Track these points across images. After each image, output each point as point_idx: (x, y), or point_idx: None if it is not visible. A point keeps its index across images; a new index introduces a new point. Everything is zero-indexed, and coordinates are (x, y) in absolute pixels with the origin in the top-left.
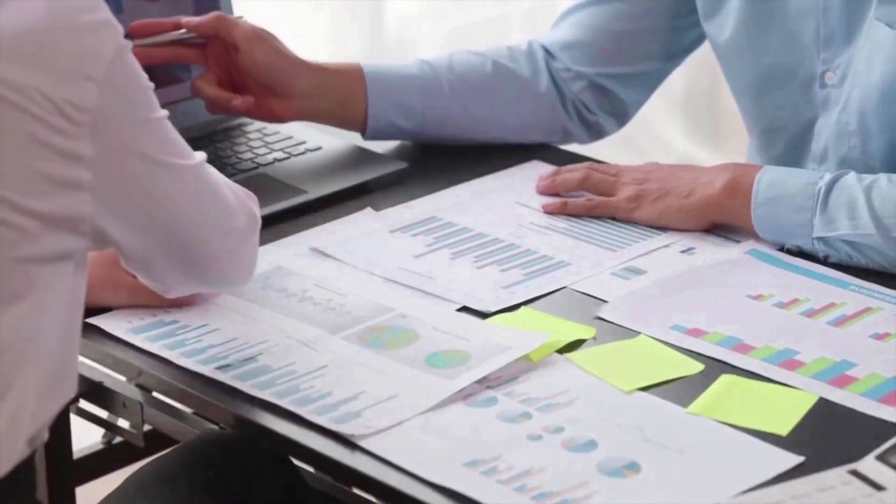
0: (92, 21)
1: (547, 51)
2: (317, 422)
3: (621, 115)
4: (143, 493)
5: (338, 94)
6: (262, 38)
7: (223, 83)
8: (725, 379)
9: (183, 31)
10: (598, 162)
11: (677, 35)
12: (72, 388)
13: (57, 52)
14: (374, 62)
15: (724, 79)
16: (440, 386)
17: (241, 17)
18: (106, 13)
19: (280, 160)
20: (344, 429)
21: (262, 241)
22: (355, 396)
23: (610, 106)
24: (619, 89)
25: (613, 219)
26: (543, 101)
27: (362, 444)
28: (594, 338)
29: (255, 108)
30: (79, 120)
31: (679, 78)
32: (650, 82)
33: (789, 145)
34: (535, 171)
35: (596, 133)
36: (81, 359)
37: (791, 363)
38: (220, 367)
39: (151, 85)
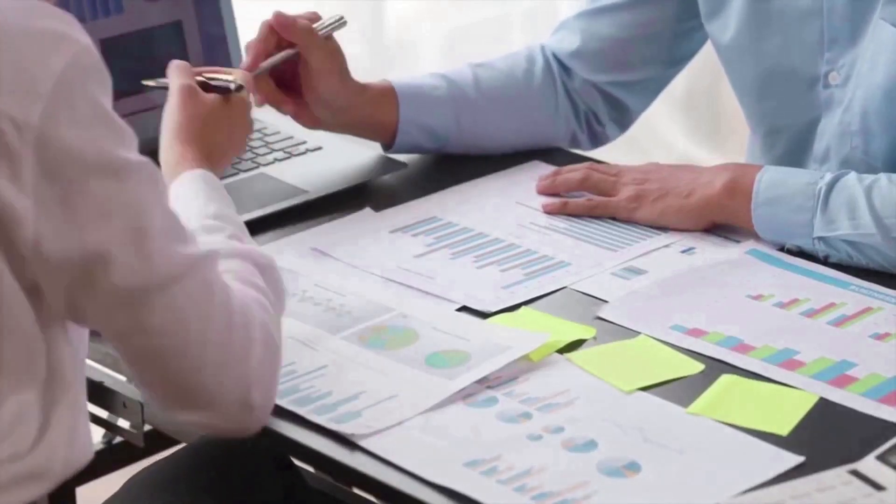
0: (41, 28)
1: (559, 61)
2: (317, 422)
3: (625, 123)
4: (145, 495)
5: (373, 118)
6: (334, 72)
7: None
8: (725, 379)
9: (288, 52)
10: (598, 162)
11: (682, 39)
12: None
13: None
14: (406, 82)
15: (727, 79)
16: (440, 386)
17: (328, 34)
18: (61, 23)
19: (280, 160)
20: (344, 429)
21: (263, 241)
22: (355, 396)
23: (617, 114)
24: (627, 97)
25: (614, 219)
26: (560, 118)
27: (362, 444)
28: (594, 338)
29: (298, 113)
30: (15, 142)
31: (679, 78)
32: (656, 88)
33: (793, 145)
34: (535, 171)
35: (599, 142)
36: None
37: (791, 363)
38: None
39: (126, 128)
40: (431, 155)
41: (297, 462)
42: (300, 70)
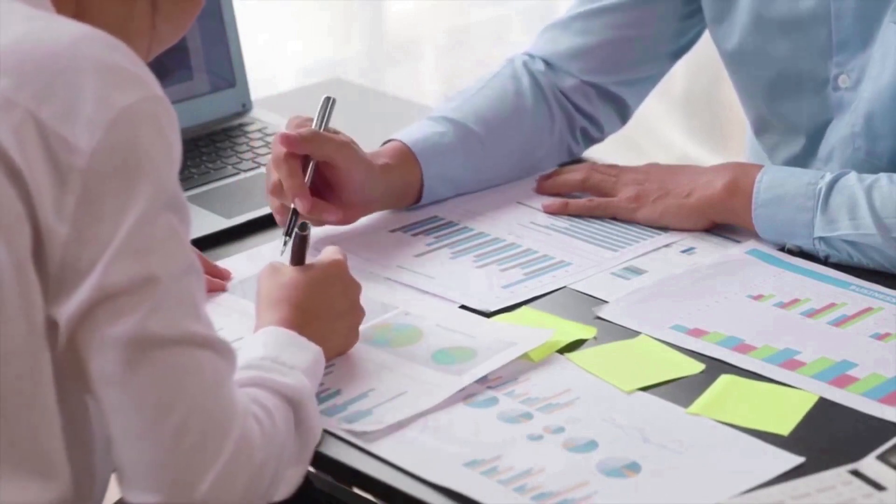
0: (116, 64)
1: (549, 64)
2: (328, 424)
3: (625, 117)
4: None
5: (403, 190)
6: (360, 162)
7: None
8: (725, 379)
9: (311, 165)
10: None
11: (685, 33)
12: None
13: (64, 80)
14: (417, 136)
15: (726, 80)
16: (448, 382)
17: (337, 133)
18: (138, 68)
19: None
20: (355, 427)
21: (263, 241)
22: (365, 394)
23: (616, 110)
24: (627, 93)
25: (614, 219)
26: (555, 137)
27: (363, 443)
28: (594, 338)
29: (345, 216)
30: (66, 164)
31: (679, 78)
32: (655, 81)
33: (801, 148)
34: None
35: (597, 141)
36: None
37: (791, 363)
38: None
39: (182, 201)
40: None
41: None
42: (328, 175)
